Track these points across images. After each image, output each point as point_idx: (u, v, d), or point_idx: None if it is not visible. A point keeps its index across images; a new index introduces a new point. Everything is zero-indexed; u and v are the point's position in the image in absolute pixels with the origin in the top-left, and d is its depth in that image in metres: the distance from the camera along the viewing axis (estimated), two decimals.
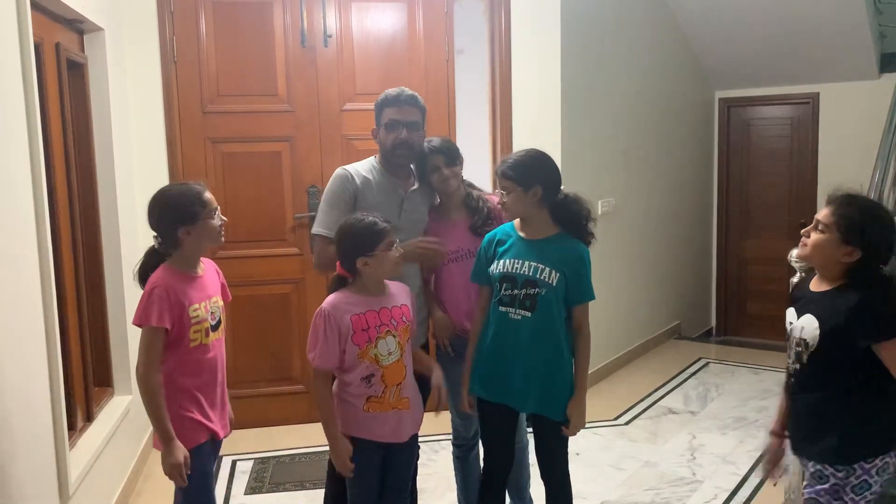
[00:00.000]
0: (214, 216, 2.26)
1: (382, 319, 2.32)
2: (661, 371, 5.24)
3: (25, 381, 2.30)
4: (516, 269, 2.38)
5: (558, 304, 2.37)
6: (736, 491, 3.43)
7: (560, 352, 2.40)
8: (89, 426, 3.12)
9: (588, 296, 2.42)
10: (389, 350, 2.31)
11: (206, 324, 2.26)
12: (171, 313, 2.17)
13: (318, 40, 4.08)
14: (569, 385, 2.42)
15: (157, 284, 2.18)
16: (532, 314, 2.36)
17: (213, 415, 2.30)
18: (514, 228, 2.47)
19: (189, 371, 2.25)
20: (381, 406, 2.32)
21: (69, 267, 3.05)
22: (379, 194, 2.64)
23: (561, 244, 2.40)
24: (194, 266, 2.29)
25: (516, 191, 2.35)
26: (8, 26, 2.31)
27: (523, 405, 2.45)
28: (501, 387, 2.44)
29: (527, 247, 2.40)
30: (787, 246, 3.50)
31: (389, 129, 2.64)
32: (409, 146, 2.64)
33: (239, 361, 3.94)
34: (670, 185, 5.97)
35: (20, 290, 2.31)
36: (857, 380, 2.00)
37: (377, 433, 2.33)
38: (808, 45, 5.62)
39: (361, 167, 2.70)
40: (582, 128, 4.67)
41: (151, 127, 3.93)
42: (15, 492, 2.14)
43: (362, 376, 2.29)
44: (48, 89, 2.82)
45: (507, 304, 2.39)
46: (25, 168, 2.39)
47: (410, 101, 2.65)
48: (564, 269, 2.36)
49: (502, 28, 4.35)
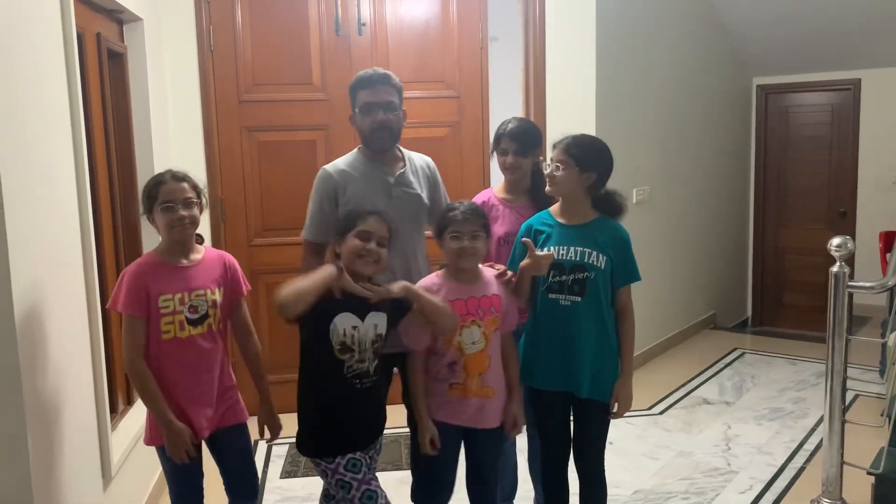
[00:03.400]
0: (169, 208, 2.18)
1: (469, 308, 2.31)
2: (696, 361, 5.20)
3: (70, 365, 2.35)
4: (562, 255, 2.37)
5: (605, 287, 2.37)
6: (772, 482, 3.39)
7: (608, 334, 2.40)
8: (129, 409, 3.19)
9: (635, 276, 2.43)
10: (473, 339, 2.30)
11: (179, 316, 2.20)
12: (139, 301, 2.16)
13: (353, 28, 4.09)
14: (615, 367, 2.42)
15: (127, 270, 2.19)
16: (581, 299, 2.36)
17: (190, 412, 2.25)
18: (552, 215, 2.46)
19: (164, 364, 2.21)
20: (464, 393, 2.31)
21: (110, 254, 3.11)
22: (362, 184, 2.54)
23: (603, 227, 2.41)
24: (175, 255, 2.25)
25: (573, 169, 2.35)
26: (52, 17, 2.36)
27: (579, 389, 2.42)
28: (560, 374, 2.42)
29: (570, 232, 2.40)
30: (825, 235, 3.45)
31: (365, 112, 2.53)
32: (387, 128, 2.53)
33: (275, 347, 3.99)
34: (706, 173, 5.89)
35: (64, 278, 2.36)
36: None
37: (457, 417, 2.33)
38: (849, 29, 5.50)
39: (342, 161, 2.63)
40: (616, 115, 4.63)
41: (188, 116, 3.99)
42: (61, 472, 2.20)
43: (445, 362, 2.31)
44: (89, 79, 2.86)
45: (557, 290, 2.38)
46: (69, 156, 2.44)
47: (384, 80, 2.54)
48: (610, 252, 2.37)
49: (536, 15, 4.32)
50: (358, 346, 2.17)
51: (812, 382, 4.73)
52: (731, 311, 6.49)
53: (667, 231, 5.34)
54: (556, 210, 2.47)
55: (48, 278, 2.19)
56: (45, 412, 2.10)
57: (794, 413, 4.20)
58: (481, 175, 4.27)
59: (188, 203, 2.21)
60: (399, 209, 2.51)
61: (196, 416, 2.26)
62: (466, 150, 4.22)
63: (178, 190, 2.20)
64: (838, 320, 3.01)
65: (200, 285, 2.26)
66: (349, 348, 2.16)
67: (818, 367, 4.92)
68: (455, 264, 2.33)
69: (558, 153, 2.38)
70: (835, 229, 5.90)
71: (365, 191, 2.53)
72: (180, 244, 2.26)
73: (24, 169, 2.03)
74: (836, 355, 3.02)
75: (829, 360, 3.04)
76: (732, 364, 5.17)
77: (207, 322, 2.27)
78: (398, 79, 2.59)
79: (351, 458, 2.19)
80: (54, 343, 2.20)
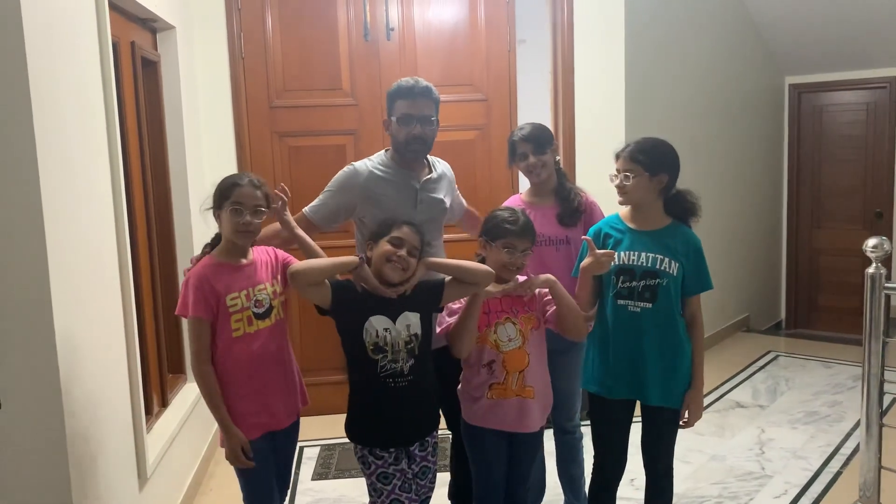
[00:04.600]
0: (238, 211, 2.20)
1: (503, 305, 2.33)
2: (728, 364, 5.14)
3: (106, 369, 2.40)
4: (633, 260, 2.35)
5: (677, 294, 2.35)
6: (807, 487, 3.34)
7: (680, 341, 2.37)
8: (164, 411, 3.24)
9: (708, 285, 2.41)
10: (509, 336, 2.31)
11: (247, 312, 2.24)
12: (207, 303, 2.19)
13: (381, 33, 4.12)
14: (687, 375, 2.40)
15: (191, 275, 2.22)
16: (653, 305, 2.33)
17: (267, 406, 2.28)
18: (622, 220, 2.43)
19: (236, 361, 2.24)
20: (504, 393, 2.32)
21: (145, 259, 3.17)
22: (391, 189, 2.58)
23: (676, 234, 2.39)
24: (234, 256, 2.27)
25: (642, 176, 2.33)
26: (89, 27, 2.41)
27: (647, 397, 2.39)
28: (625, 381, 2.39)
29: (642, 238, 2.38)
30: (861, 236, 3.39)
31: (402, 123, 2.56)
32: (422, 141, 2.57)
33: (305, 349, 4.03)
34: (738, 173, 5.83)
35: (102, 282, 2.41)
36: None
37: (501, 421, 2.33)
38: (884, 26, 5.40)
39: (370, 163, 2.66)
40: (646, 116, 4.59)
41: (220, 122, 4.05)
42: (98, 473, 2.24)
43: (484, 362, 2.31)
44: (124, 87, 2.92)
45: (626, 296, 2.36)
46: (104, 162, 2.49)
47: (425, 93, 2.56)
48: (682, 259, 2.35)
49: (565, 17, 4.31)
50: (391, 347, 2.20)
51: (848, 386, 4.65)
52: (764, 313, 6.40)
53: (698, 232, 5.25)
54: (626, 215, 2.44)
55: (85, 284, 2.24)
56: (83, 415, 2.14)
57: (830, 417, 4.13)
58: (510, 178, 4.27)
59: (257, 211, 2.24)
60: (423, 213, 2.56)
61: (276, 407, 2.31)
62: (495, 153, 4.22)
63: (252, 196, 2.23)
64: (874, 322, 2.96)
65: (261, 279, 2.29)
66: (382, 349, 2.19)
67: (854, 371, 4.84)
68: (500, 274, 2.32)
69: (624, 162, 2.34)
70: (871, 230, 5.79)
71: (393, 196, 2.57)
72: (241, 248, 2.30)
73: (63, 176, 2.08)
74: (872, 358, 2.97)
75: (866, 362, 2.99)
76: (766, 367, 5.10)
77: (274, 314, 2.30)
78: (437, 91, 2.61)
79: (383, 472, 2.23)
80: (92, 348, 2.25)
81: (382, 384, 2.20)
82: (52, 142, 2.00)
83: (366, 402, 2.26)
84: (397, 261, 2.21)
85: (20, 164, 1.88)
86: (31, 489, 1.97)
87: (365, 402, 2.26)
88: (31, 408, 1.94)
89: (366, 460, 2.26)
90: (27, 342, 1.92)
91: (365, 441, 2.26)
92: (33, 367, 1.93)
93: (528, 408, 2.33)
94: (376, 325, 2.20)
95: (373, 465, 2.24)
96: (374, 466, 2.24)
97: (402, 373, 2.21)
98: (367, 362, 2.20)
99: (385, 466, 2.23)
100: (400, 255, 2.21)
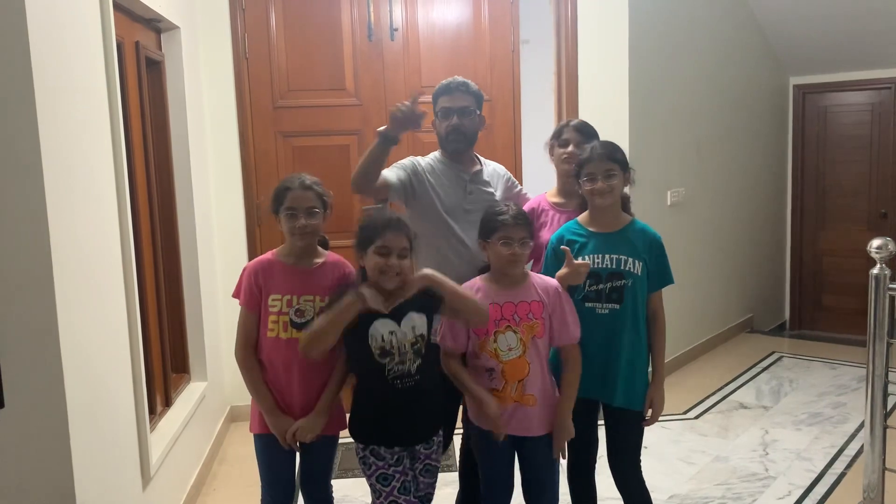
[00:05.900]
0: (292, 215, 2.27)
1: (504, 314, 2.29)
2: (732, 365, 5.13)
3: (110, 367, 2.41)
4: (597, 263, 2.36)
5: (642, 293, 2.37)
6: (811, 488, 3.34)
7: (641, 340, 2.39)
8: (168, 410, 3.24)
9: (669, 280, 2.43)
10: (510, 346, 2.29)
11: (284, 318, 2.26)
12: (252, 297, 2.27)
13: (385, 34, 4.12)
14: (646, 374, 2.41)
15: (247, 266, 2.32)
16: (620, 306, 2.35)
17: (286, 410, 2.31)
18: (582, 225, 2.44)
19: (265, 361, 2.31)
20: (502, 400, 2.29)
21: (148, 258, 3.17)
22: (444, 180, 2.72)
23: (636, 232, 2.40)
24: (294, 258, 2.33)
25: (622, 176, 2.36)
26: (93, 27, 2.41)
27: (611, 398, 2.40)
28: (595, 382, 2.39)
29: (604, 240, 2.39)
30: (866, 236, 3.38)
31: (442, 116, 2.71)
32: (460, 131, 2.69)
33: None
34: (742, 174, 5.82)
35: (105, 282, 2.41)
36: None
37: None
38: (889, 26, 5.38)
39: (424, 159, 2.79)
40: (650, 117, 4.59)
41: (224, 122, 4.05)
42: (102, 472, 2.25)
43: (485, 368, 2.31)
44: (128, 86, 2.93)
45: (594, 299, 2.37)
46: (108, 162, 2.49)
47: (461, 87, 2.70)
48: (645, 257, 2.36)
49: (569, 17, 4.31)
50: (397, 349, 2.18)
51: (852, 387, 4.64)
52: (768, 314, 6.39)
53: (702, 233, 5.28)
54: (585, 219, 2.45)
55: (89, 282, 2.24)
56: (86, 415, 2.14)
57: (834, 418, 4.12)
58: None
59: (311, 212, 2.29)
60: (475, 203, 2.67)
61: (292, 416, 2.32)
62: (499, 153, 4.21)
63: (303, 198, 2.29)
64: (879, 323, 2.95)
65: (311, 291, 2.30)
66: (388, 352, 2.18)
67: (858, 372, 4.83)
68: (503, 269, 2.31)
69: (605, 164, 2.34)
70: (875, 230, 5.77)
71: (446, 186, 2.70)
72: (301, 248, 2.34)
73: (68, 176, 2.08)
74: (876, 359, 2.96)
75: (870, 363, 2.98)
76: (770, 368, 5.09)
77: None
78: (476, 86, 2.74)
79: (383, 473, 2.23)
80: (95, 347, 2.26)
81: (390, 386, 2.19)
82: (56, 141, 2.00)
83: (372, 403, 2.25)
84: (388, 270, 2.15)
85: (24, 163, 1.88)
86: (35, 488, 1.97)
87: (372, 403, 2.25)
88: (35, 407, 1.94)
89: (367, 461, 2.25)
90: (31, 341, 1.93)
91: (370, 440, 2.25)
92: (37, 366, 1.93)
93: (528, 415, 2.32)
94: (381, 330, 2.17)
95: (373, 466, 2.24)
96: (374, 468, 2.24)
97: (410, 373, 2.20)
98: (375, 366, 2.18)
99: (385, 468, 2.23)
100: (390, 264, 2.15)
